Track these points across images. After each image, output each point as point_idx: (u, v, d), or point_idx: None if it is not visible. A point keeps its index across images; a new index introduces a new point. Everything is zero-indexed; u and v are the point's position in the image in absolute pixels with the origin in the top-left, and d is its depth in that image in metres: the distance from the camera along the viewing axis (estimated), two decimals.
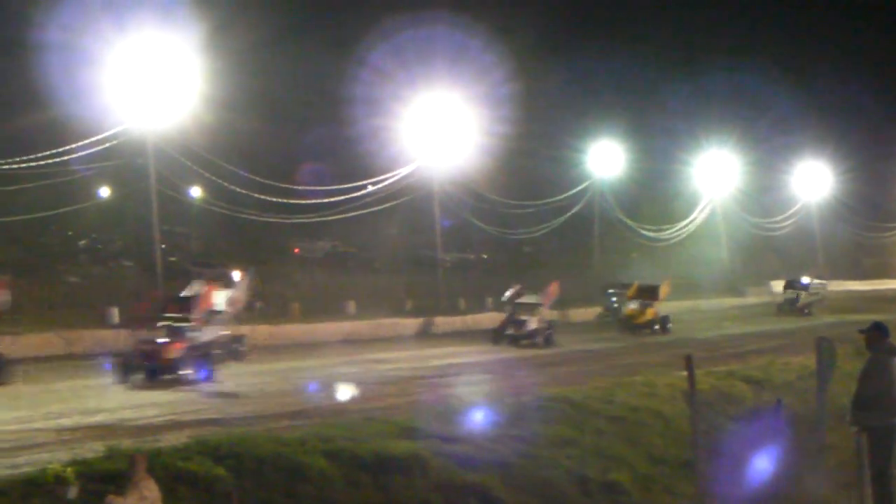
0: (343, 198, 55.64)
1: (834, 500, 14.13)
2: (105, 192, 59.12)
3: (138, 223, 50.88)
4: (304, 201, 55.69)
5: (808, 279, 66.52)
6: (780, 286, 68.48)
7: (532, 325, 42.51)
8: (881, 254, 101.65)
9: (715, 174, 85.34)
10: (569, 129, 75.72)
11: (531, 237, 72.66)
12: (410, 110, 58.35)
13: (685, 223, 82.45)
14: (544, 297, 44.60)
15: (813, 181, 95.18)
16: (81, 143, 44.50)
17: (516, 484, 14.65)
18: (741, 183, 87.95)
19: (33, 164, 43.79)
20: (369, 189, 57.95)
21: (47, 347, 34.97)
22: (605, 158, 75.02)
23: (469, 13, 65.56)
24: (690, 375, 13.63)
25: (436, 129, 58.38)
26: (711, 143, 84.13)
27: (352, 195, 56.06)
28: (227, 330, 32.09)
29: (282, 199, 54.16)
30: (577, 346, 42.09)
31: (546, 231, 71.58)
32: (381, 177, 58.07)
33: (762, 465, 15.39)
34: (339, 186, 55.62)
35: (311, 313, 48.44)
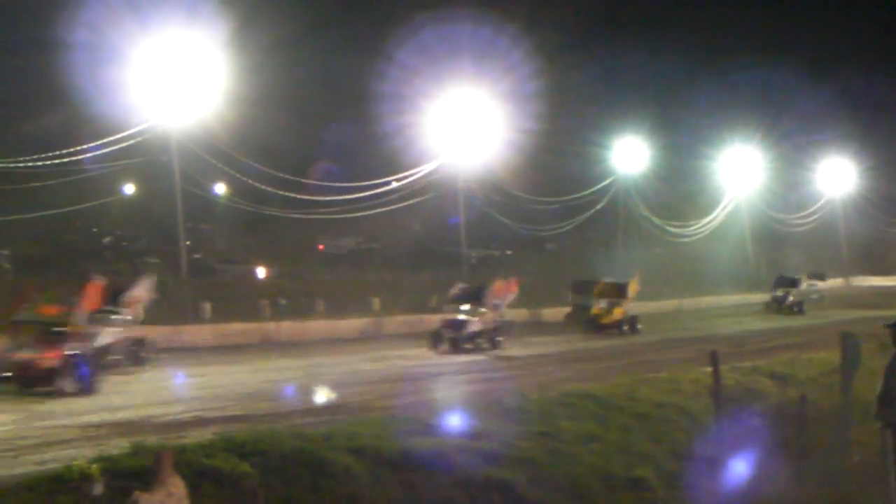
0: (367, 194, 55.76)
1: (859, 496, 14.04)
2: (130, 189, 59.43)
3: (162, 220, 51.02)
4: (328, 198, 55.82)
5: (798, 277, 65.99)
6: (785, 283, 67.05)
7: (474, 326, 38.73)
8: None
9: (739, 170, 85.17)
10: (593, 125, 75.66)
11: (555, 233, 72.56)
12: (435, 107, 58.45)
13: (709, 219, 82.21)
14: (493, 295, 40.59)
15: (837, 177, 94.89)
16: (106, 139, 44.79)
17: (540, 480, 14.62)
18: (765, 179, 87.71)
19: (58, 161, 44.10)
20: (393, 185, 58.00)
21: None
22: (629, 155, 75.08)
23: (496, 10, 65.53)
24: (715, 371, 13.61)
25: (460, 125, 58.46)
26: (736, 139, 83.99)
27: (376, 191, 56.17)
28: (129, 333, 30.11)
29: (306, 196, 54.30)
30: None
31: (570, 227, 71.50)
32: (406, 173, 58.17)
33: (783, 462, 15.33)
34: (363, 183, 55.72)
35: (335, 310, 48.46)
